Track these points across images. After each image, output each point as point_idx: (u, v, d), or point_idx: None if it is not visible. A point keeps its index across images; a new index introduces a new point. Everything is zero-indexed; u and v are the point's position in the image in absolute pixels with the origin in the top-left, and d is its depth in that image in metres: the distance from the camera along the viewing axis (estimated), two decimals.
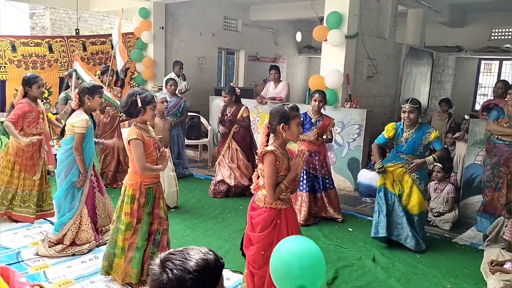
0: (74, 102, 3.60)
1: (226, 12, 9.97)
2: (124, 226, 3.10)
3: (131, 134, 2.96)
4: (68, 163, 3.59)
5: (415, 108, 3.99)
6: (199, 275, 1.18)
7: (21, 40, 6.59)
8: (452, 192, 4.95)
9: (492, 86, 7.45)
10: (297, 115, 2.56)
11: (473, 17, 10.40)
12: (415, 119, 4.02)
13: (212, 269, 1.22)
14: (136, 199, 3.07)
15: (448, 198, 4.94)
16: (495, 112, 4.59)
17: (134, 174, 3.07)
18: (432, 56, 9.33)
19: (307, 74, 12.53)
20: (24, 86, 4.19)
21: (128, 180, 3.11)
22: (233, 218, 4.81)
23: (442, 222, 4.75)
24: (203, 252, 1.24)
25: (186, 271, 1.17)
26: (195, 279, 1.17)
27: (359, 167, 5.93)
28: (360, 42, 6.47)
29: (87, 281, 3.27)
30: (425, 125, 4.09)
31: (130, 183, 3.09)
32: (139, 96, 3.00)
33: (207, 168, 7.05)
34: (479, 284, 3.48)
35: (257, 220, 2.57)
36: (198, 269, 1.18)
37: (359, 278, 3.49)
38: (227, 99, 5.61)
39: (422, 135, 4.01)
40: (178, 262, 1.19)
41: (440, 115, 7.20)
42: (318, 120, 4.77)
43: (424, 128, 4.03)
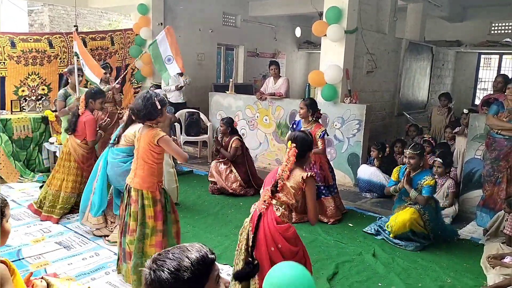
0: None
1: (225, 8, 9.94)
2: (150, 230, 3.03)
3: (158, 133, 2.95)
4: (122, 171, 3.63)
5: (415, 154, 4.08)
6: (188, 273, 1.20)
7: (20, 36, 6.57)
8: (452, 187, 4.95)
9: (492, 81, 7.43)
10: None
11: (472, 11, 10.37)
12: (416, 164, 4.11)
13: (202, 266, 1.24)
14: (158, 200, 3.05)
15: (448, 192, 4.94)
16: (495, 106, 4.58)
17: (150, 176, 3.03)
18: (431, 51, 9.31)
19: (306, 69, 12.51)
20: (88, 98, 4.47)
21: (144, 184, 3.03)
22: (233, 214, 4.82)
23: (443, 217, 4.75)
24: (192, 250, 1.26)
25: (175, 270, 1.20)
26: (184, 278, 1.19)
27: (359, 162, 5.93)
28: (360, 37, 6.45)
29: (88, 278, 3.28)
30: (426, 171, 4.14)
31: (147, 185, 3.03)
32: (157, 98, 3.00)
33: (207, 164, 7.05)
34: (479, 279, 3.49)
35: (288, 235, 2.58)
36: (188, 268, 1.21)
37: (359, 273, 3.50)
38: (223, 128, 5.71)
39: (418, 180, 4.08)
40: (168, 261, 1.22)
41: (439, 109, 7.19)
42: (306, 129, 4.59)
43: (423, 174, 4.09)
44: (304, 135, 2.69)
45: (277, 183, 2.58)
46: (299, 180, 2.56)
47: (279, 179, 2.58)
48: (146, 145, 2.97)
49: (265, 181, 2.76)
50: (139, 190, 3.03)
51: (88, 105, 4.48)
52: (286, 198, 2.58)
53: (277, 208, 2.58)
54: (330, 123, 6.13)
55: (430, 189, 4.01)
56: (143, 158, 3.01)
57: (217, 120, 7.57)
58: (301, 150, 2.61)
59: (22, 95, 6.56)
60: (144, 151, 3.00)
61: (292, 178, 2.58)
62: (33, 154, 6.12)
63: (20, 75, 6.52)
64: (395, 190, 4.24)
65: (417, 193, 4.02)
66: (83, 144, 4.49)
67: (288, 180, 2.58)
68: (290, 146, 2.60)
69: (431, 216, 4.06)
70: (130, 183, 3.10)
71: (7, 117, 5.93)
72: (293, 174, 2.59)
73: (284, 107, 6.68)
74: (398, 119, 8.22)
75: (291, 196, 2.58)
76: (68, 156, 4.50)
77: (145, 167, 3.02)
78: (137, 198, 3.04)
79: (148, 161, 3.01)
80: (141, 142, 3.03)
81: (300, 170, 2.62)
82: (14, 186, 5.51)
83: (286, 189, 2.59)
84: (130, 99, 8.52)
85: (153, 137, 2.94)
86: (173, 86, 7.61)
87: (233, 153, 5.57)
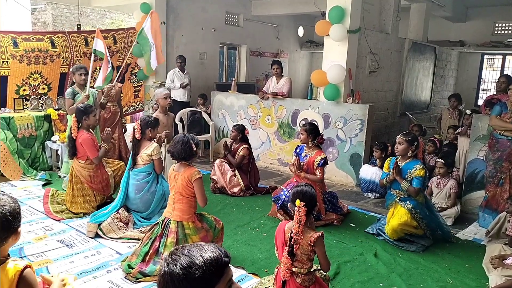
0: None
1: (228, 7, 9.94)
2: None
3: (195, 174, 3.26)
4: (149, 188, 4.14)
5: (404, 140, 4.03)
6: (200, 272, 1.20)
7: (22, 36, 6.58)
8: (455, 188, 4.93)
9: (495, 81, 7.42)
10: None
11: (476, 11, 10.35)
12: (403, 151, 4.04)
13: (215, 267, 1.24)
14: (200, 227, 3.32)
15: (450, 193, 4.93)
16: (498, 107, 4.56)
17: (189, 208, 3.32)
18: (435, 51, 9.29)
19: (309, 69, 12.51)
20: (81, 116, 4.52)
21: (184, 215, 3.31)
22: (235, 214, 4.82)
23: (445, 218, 4.74)
24: (208, 250, 1.26)
25: (188, 267, 1.20)
26: (196, 275, 1.19)
27: (361, 162, 5.92)
28: (363, 37, 6.44)
29: (90, 276, 3.28)
30: (415, 161, 4.07)
31: (187, 217, 3.31)
32: (193, 141, 3.31)
33: (209, 163, 7.05)
34: (481, 280, 3.48)
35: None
36: (200, 266, 1.21)
37: (361, 274, 3.49)
38: (234, 134, 5.68)
39: (408, 169, 4.03)
40: (183, 257, 1.21)
41: (450, 112, 6.92)
42: (306, 155, 4.57)
43: (412, 163, 4.03)
44: (311, 191, 2.66)
45: (293, 247, 2.57)
46: (307, 247, 2.57)
47: (294, 243, 2.55)
48: (184, 182, 3.26)
49: (276, 239, 2.77)
50: (179, 222, 3.30)
51: (82, 124, 4.52)
52: (301, 265, 2.62)
53: (297, 275, 2.63)
54: (333, 123, 6.12)
55: (420, 180, 3.97)
56: (181, 193, 3.29)
57: (219, 120, 7.57)
58: (310, 207, 2.60)
59: (23, 94, 6.58)
60: (182, 187, 3.28)
61: (300, 246, 2.58)
62: (37, 153, 6.14)
63: (22, 74, 6.54)
64: (386, 182, 4.20)
65: (408, 184, 3.97)
66: (88, 165, 4.56)
67: (298, 249, 2.57)
68: (299, 205, 2.52)
69: (423, 213, 4.03)
70: (169, 216, 3.35)
71: (10, 115, 5.95)
72: (301, 241, 2.57)
73: (287, 107, 6.68)
74: (401, 119, 8.21)
75: (305, 262, 2.62)
76: (76, 179, 4.59)
77: (184, 200, 3.30)
78: (176, 229, 3.29)
79: (185, 195, 3.29)
80: (179, 179, 3.29)
81: (307, 230, 2.60)
82: (17, 184, 5.53)
83: (298, 257, 2.60)
84: (130, 98, 8.53)
85: (191, 176, 3.25)
86: (178, 83, 7.62)
87: (239, 161, 5.56)
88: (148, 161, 4.11)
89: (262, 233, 4.26)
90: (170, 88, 7.53)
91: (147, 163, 4.12)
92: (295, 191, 2.65)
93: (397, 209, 4.07)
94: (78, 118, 4.51)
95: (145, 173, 4.13)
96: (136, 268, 3.28)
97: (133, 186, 4.12)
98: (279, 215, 4.60)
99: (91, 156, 4.51)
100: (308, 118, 6.35)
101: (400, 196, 4.10)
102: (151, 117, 4.27)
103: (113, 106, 6.11)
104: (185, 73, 7.81)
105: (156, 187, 4.18)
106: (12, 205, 1.71)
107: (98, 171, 4.61)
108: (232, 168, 5.59)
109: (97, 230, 3.99)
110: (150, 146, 4.14)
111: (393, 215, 4.09)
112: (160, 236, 3.35)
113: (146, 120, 4.21)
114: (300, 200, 2.53)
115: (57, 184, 5.58)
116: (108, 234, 3.97)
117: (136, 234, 3.96)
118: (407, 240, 4.06)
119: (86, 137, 4.49)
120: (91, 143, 4.50)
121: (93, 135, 4.64)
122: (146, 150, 4.11)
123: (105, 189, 4.66)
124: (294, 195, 2.62)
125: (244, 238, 4.11)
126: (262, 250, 3.86)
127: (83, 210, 4.53)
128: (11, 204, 1.71)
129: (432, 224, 4.12)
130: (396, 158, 4.15)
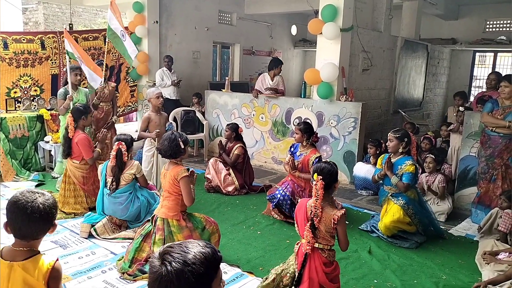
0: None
1: (221, 6, 9.92)
2: None
3: (182, 172, 3.22)
4: (132, 202, 4.14)
5: (394, 137, 4.10)
6: (198, 267, 1.20)
7: (13, 36, 6.52)
8: (443, 182, 4.98)
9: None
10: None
11: (467, 9, 10.42)
12: (394, 148, 4.12)
13: (211, 262, 1.24)
14: (184, 226, 3.28)
15: (438, 187, 4.97)
16: (490, 104, 4.60)
17: (176, 205, 3.29)
18: (427, 49, 9.35)
19: (302, 67, 12.52)
20: (79, 116, 4.53)
21: (169, 213, 3.28)
22: (229, 212, 4.82)
23: (438, 214, 4.78)
24: (201, 245, 1.26)
25: (184, 263, 1.19)
26: (193, 272, 1.18)
27: (354, 160, 5.95)
28: (355, 35, 6.46)
29: (84, 277, 3.27)
30: (407, 157, 4.10)
31: (172, 214, 3.28)
32: (181, 139, 3.30)
33: (203, 163, 7.05)
34: (474, 275, 3.52)
35: (335, 274, 2.73)
36: (197, 261, 1.20)
37: (355, 270, 3.52)
38: (227, 134, 5.69)
39: (399, 165, 4.08)
40: (177, 255, 1.20)
41: (456, 111, 6.65)
42: (301, 153, 4.54)
43: (403, 159, 4.07)
44: (330, 167, 2.70)
45: (313, 221, 2.60)
46: (330, 224, 2.61)
47: (314, 216, 2.59)
48: (171, 180, 3.26)
49: (297, 216, 2.79)
50: (164, 219, 3.29)
51: (78, 124, 4.54)
52: (326, 242, 2.66)
53: (322, 250, 2.66)
54: (326, 121, 6.14)
55: (410, 176, 4.00)
56: (169, 190, 3.29)
57: (213, 119, 7.57)
58: (328, 182, 2.63)
59: (14, 97, 6.53)
60: (169, 185, 3.28)
61: (323, 222, 2.61)
62: (30, 153, 6.10)
63: (12, 76, 6.49)
64: (378, 177, 4.27)
65: (397, 179, 4.02)
66: (82, 165, 4.56)
67: (320, 223, 2.60)
68: (317, 179, 2.60)
69: (415, 209, 4.07)
70: (157, 213, 3.35)
71: (2, 116, 5.90)
72: (324, 216, 2.60)
73: (280, 105, 6.69)
74: (394, 117, 8.25)
75: (329, 239, 2.65)
76: (69, 179, 4.59)
77: (171, 198, 3.30)
78: (163, 226, 3.28)
79: (173, 193, 3.28)
80: (167, 177, 3.30)
81: (329, 207, 2.64)
82: (10, 185, 5.49)
83: (322, 234, 2.64)
84: (126, 98, 8.50)
85: (177, 174, 3.23)
86: (169, 81, 7.67)
87: (234, 160, 5.57)
88: (130, 180, 4.12)
89: (256, 232, 4.27)
90: (162, 86, 7.53)
91: (129, 182, 4.11)
92: (314, 167, 2.73)
93: (390, 206, 4.11)
94: (76, 118, 4.51)
95: (127, 193, 4.11)
96: (135, 266, 3.29)
97: (118, 210, 4.09)
98: (274, 213, 4.61)
99: (86, 157, 4.50)
100: (301, 117, 6.37)
101: (392, 192, 4.14)
102: (129, 136, 4.23)
103: (106, 106, 6.09)
104: (172, 72, 7.84)
105: (139, 201, 4.19)
106: (51, 200, 1.86)
107: (91, 173, 4.61)
108: (227, 167, 5.59)
109: (90, 230, 3.98)
110: (133, 165, 4.13)
111: (386, 212, 4.12)
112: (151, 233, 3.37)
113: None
114: (318, 175, 2.61)
115: (50, 184, 5.55)
116: (102, 235, 3.96)
117: (130, 234, 3.96)
118: (401, 237, 4.09)
119: (82, 137, 4.48)
120: (86, 144, 4.49)
121: (89, 136, 4.64)
122: (130, 170, 4.11)
123: (96, 192, 4.62)
124: (313, 170, 2.70)
125: (239, 237, 4.12)
126: (257, 248, 3.87)
127: (74, 211, 4.52)
128: (52, 199, 1.86)
129: (425, 220, 4.16)
130: (390, 155, 4.18)
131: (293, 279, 2.74)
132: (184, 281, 1.17)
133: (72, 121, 4.48)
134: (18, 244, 1.81)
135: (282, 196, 4.48)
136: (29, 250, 1.81)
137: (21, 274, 1.77)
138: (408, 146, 4.13)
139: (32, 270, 1.78)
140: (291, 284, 2.75)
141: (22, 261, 1.78)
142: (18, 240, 1.82)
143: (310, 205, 2.65)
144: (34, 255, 1.82)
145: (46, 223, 1.81)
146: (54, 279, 1.83)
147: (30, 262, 1.79)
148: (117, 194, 4.06)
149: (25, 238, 1.81)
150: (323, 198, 2.60)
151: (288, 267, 2.80)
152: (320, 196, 2.57)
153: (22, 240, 1.81)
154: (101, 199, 4.13)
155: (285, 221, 4.51)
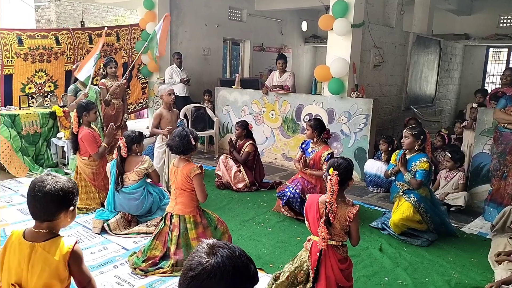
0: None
1: (231, 2, 9.92)
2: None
3: (195, 169, 3.24)
4: (146, 197, 4.15)
5: (410, 134, 4.07)
6: (245, 260, 1.22)
7: (27, 33, 6.60)
8: (463, 179, 5.02)
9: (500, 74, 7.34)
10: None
11: (481, 4, 10.26)
12: (410, 145, 4.08)
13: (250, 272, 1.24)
14: (199, 223, 3.32)
15: (458, 184, 4.98)
16: (504, 100, 4.54)
17: (191, 201, 3.33)
18: (439, 45, 9.24)
19: (313, 63, 12.47)
20: (82, 112, 4.56)
21: (186, 209, 3.32)
22: (239, 209, 4.84)
23: (455, 199, 4.78)
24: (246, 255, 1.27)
25: (233, 262, 1.19)
26: (243, 263, 1.21)
27: (365, 157, 5.91)
28: (367, 31, 6.41)
29: (97, 272, 3.31)
30: (421, 154, 4.06)
31: (189, 210, 3.32)
32: (192, 135, 3.31)
33: (213, 159, 7.07)
34: (487, 274, 3.48)
35: (349, 271, 2.74)
36: (243, 254, 1.23)
37: (365, 268, 3.50)
38: (238, 132, 5.69)
39: (413, 161, 4.05)
40: (227, 252, 1.21)
41: (471, 107, 6.65)
42: (313, 150, 4.52)
43: (418, 156, 4.04)
44: (346, 163, 2.68)
45: (328, 216, 2.58)
46: (345, 222, 2.59)
47: (329, 212, 2.57)
48: (184, 177, 3.26)
49: (307, 212, 2.76)
50: (181, 216, 3.32)
51: (82, 119, 4.56)
52: (340, 238, 2.65)
53: (337, 247, 2.66)
54: (337, 117, 6.11)
55: (423, 173, 3.97)
56: (182, 187, 3.30)
57: (223, 115, 7.58)
58: (343, 178, 2.61)
59: (29, 92, 6.61)
60: (182, 182, 3.28)
61: (337, 219, 2.59)
62: (42, 149, 6.17)
63: (27, 72, 6.57)
64: (391, 173, 4.25)
65: (411, 176, 4.00)
66: (91, 162, 4.60)
67: (334, 219, 2.59)
68: (332, 174, 2.56)
69: (427, 207, 4.03)
70: (172, 211, 3.37)
71: (16, 113, 5.98)
72: (338, 213, 2.58)
73: (291, 102, 6.67)
74: (406, 114, 8.18)
75: (343, 235, 2.65)
76: (80, 176, 4.65)
77: (185, 194, 3.31)
78: (179, 223, 3.32)
79: (186, 189, 3.29)
80: (178, 175, 3.29)
81: (343, 204, 2.62)
82: (23, 181, 5.57)
83: (336, 231, 2.62)
84: (138, 95, 8.55)
85: (190, 172, 3.24)
86: (178, 79, 7.72)
87: (245, 157, 5.58)
88: (143, 176, 4.14)
89: (267, 228, 4.28)
90: (171, 83, 7.57)
91: (141, 178, 4.13)
92: (330, 162, 2.72)
93: (401, 202, 4.08)
94: (79, 114, 4.55)
95: (141, 189, 4.13)
96: (148, 263, 3.33)
97: (133, 206, 4.10)
98: (284, 210, 4.61)
99: (91, 152, 4.54)
100: (312, 113, 6.35)
101: (404, 188, 4.11)
102: (135, 132, 4.20)
103: (117, 103, 6.14)
104: (182, 69, 7.87)
105: (153, 197, 4.21)
106: (66, 183, 1.88)
107: (101, 168, 4.64)
108: (237, 163, 5.60)
109: (103, 225, 4.02)
110: (143, 161, 4.15)
111: (396, 209, 4.10)
112: (166, 231, 3.39)
113: (130, 136, 4.12)
114: (334, 170, 2.59)
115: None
116: (114, 230, 4.00)
117: (144, 229, 4.00)
118: (412, 235, 4.06)
119: (86, 133, 4.52)
120: (91, 139, 4.52)
121: (95, 131, 4.66)
122: (142, 165, 4.12)
123: (107, 187, 4.68)
124: (329, 165, 2.69)
125: (249, 233, 4.13)
126: (267, 245, 3.88)
127: (86, 206, 4.57)
128: (65, 183, 1.87)
129: (436, 219, 4.12)
130: (404, 151, 4.16)
131: (307, 275, 2.72)
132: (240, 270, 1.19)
133: (76, 117, 4.53)
134: (38, 226, 1.88)
135: (292, 194, 4.47)
136: (49, 232, 1.88)
137: (43, 254, 1.84)
138: (424, 143, 4.10)
139: (53, 251, 1.85)
140: (306, 281, 2.73)
141: (43, 242, 1.85)
142: (36, 222, 1.89)
143: (323, 201, 2.63)
144: (54, 237, 1.88)
145: (54, 205, 1.84)
146: (76, 260, 1.90)
147: (51, 243, 1.86)
148: (131, 189, 4.08)
149: (38, 219, 1.87)
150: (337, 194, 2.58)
151: (301, 264, 2.78)
152: (335, 191, 2.54)
153: (36, 221, 1.88)
154: (112, 196, 4.13)
155: (295, 218, 4.50)
